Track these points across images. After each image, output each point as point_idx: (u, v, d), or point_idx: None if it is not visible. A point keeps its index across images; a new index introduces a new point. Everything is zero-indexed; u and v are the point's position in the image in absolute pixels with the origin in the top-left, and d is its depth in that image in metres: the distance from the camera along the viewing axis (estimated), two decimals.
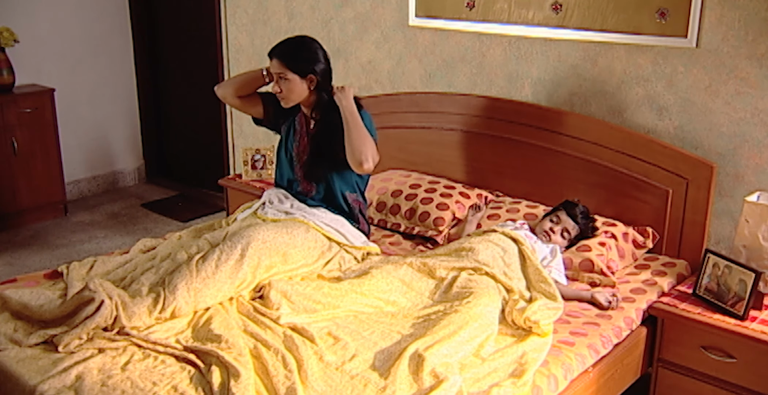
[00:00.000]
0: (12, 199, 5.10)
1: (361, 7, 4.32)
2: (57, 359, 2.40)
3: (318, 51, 3.19)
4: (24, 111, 5.07)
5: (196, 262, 2.73)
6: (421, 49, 4.12)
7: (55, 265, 4.40)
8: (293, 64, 3.12)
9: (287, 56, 3.12)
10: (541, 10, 3.62)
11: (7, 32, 5.06)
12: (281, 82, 3.15)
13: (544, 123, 3.59)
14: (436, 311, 2.67)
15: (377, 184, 3.83)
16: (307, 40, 3.22)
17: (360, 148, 3.04)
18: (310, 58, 3.15)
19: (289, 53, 3.13)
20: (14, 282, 3.01)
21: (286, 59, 3.12)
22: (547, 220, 3.27)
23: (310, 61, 3.14)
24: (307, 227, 3.02)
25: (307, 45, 3.19)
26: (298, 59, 3.13)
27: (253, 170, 4.32)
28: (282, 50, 3.14)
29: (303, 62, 3.13)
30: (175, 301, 2.60)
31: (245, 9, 4.97)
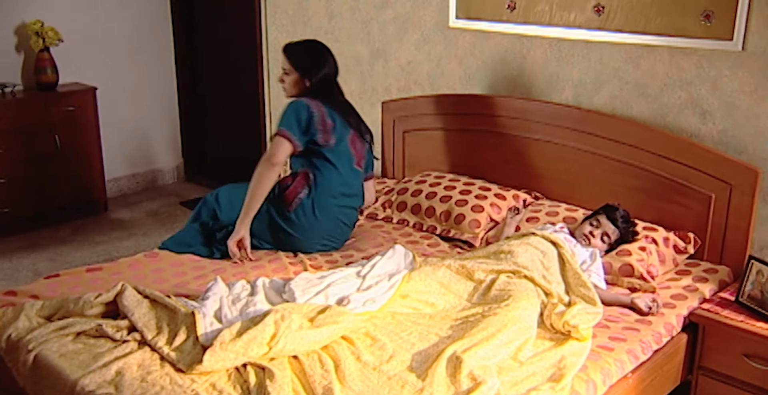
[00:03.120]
0: (54, 195, 5.17)
1: (401, 9, 4.32)
2: (98, 354, 2.42)
3: (322, 57, 3.50)
4: (67, 109, 5.14)
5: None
6: (461, 50, 4.11)
7: (96, 262, 4.47)
8: (297, 63, 3.47)
9: (294, 55, 3.50)
10: (583, 12, 3.59)
11: (52, 32, 5.14)
12: (284, 76, 3.51)
13: (585, 126, 3.56)
14: (474, 313, 2.66)
15: (412, 186, 3.83)
16: (318, 45, 3.56)
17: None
18: (313, 61, 3.48)
19: (296, 53, 3.50)
20: (57, 277, 3.06)
21: (292, 57, 3.49)
22: (587, 223, 3.25)
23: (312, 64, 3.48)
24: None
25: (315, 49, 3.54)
26: (303, 60, 3.48)
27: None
28: (292, 49, 3.53)
29: (306, 64, 3.48)
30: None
31: (285, 9, 4.99)
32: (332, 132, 3.40)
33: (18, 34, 5.26)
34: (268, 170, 3.31)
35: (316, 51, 3.53)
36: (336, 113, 3.44)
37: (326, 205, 3.40)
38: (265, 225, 3.39)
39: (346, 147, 3.46)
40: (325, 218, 3.39)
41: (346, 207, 3.49)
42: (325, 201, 3.39)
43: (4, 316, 2.67)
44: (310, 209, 3.37)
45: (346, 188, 3.48)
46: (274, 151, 3.32)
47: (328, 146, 3.40)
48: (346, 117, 3.49)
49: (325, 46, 3.56)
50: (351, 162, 3.49)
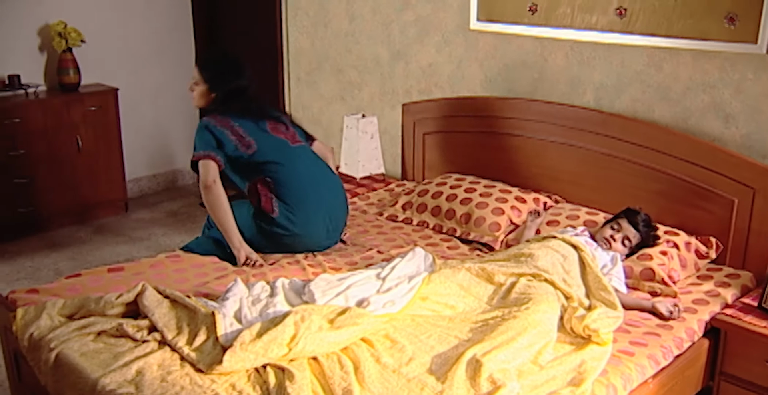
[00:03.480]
0: (75, 195, 5.21)
1: (422, 11, 4.32)
2: (118, 353, 2.44)
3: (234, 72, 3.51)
4: (89, 109, 5.18)
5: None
6: (482, 53, 4.10)
7: (116, 262, 4.50)
8: (207, 75, 3.50)
9: (205, 68, 3.53)
10: (605, 15, 3.57)
11: (74, 33, 5.18)
12: (194, 86, 3.53)
13: (606, 129, 3.54)
14: (495, 316, 2.65)
15: (432, 188, 3.83)
16: (232, 59, 3.58)
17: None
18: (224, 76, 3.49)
19: (208, 66, 3.54)
20: (79, 277, 3.08)
21: (203, 70, 3.52)
22: (608, 227, 3.23)
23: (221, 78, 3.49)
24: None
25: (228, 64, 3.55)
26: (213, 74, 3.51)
27: None
28: (205, 62, 3.59)
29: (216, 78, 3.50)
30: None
31: (306, 11, 5.00)
32: (248, 136, 3.39)
33: (41, 35, 5.30)
34: (212, 192, 3.31)
35: (229, 66, 3.54)
36: (244, 120, 3.43)
37: (301, 193, 3.40)
38: (268, 241, 3.39)
39: (271, 137, 3.46)
40: (309, 202, 3.40)
41: (319, 181, 3.48)
42: (297, 192, 3.39)
43: (26, 315, 2.68)
44: (293, 205, 3.37)
45: (304, 168, 3.46)
46: (205, 175, 3.31)
47: (252, 150, 3.39)
48: (252, 114, 3.48)
49: (239, 61, 3.57)
50: (286, 146, 3.47)
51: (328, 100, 4.99)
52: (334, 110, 4.96)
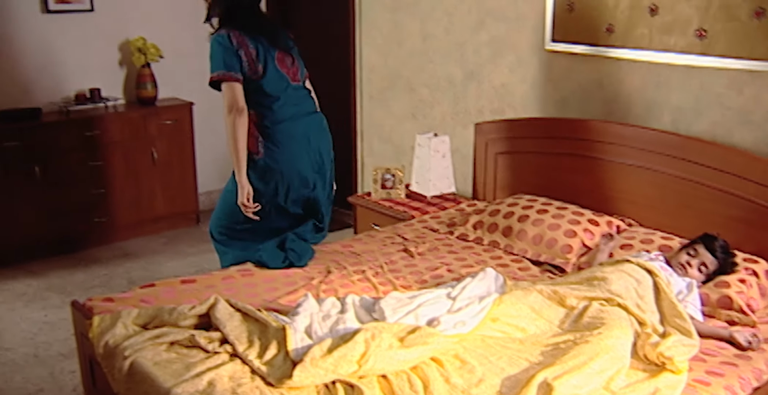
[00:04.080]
0: (149, 206, 5.33)
1: (496, 31, 4.31)
2: (190, 364, 2.47)
3: None
4: (164, 123, 5.30)
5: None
6: (556, 73, 4.07)
7: (187, 272, 4.58)
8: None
9: None
10: (684, 37, 3.51)
11: (153, 48, 5.32)
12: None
13: (684, 153, 3.48)
14: (566, 340, 2.61)
15: (503, 208, 3.80)
16: None
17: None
18: None
19: None
20: (153, 287, 3.13)
21: None
22: (684, 253, 3.16)
23: None
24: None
25: None
26: None
27: (383, 189, 4.36)
28: None
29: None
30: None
31: (380, 29, 5.04)
32: (257, 60, 3.40)
33: (122, 50, 5.46)
34: (239, 117, 3.34)
35: None
36: (257, 37, 3.42)
37: (288, 131, 3.45)
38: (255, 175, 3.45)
39: (276, 70, 3.46)
40: (296, 140, 3.46)
41: (307, 122, 3.55)
42: (282, 130, 3.44)
43: (102, 323, 2.75)
44: (278, 143, 3.43)
45: (295, 109, 3.51)
46: (234, 98, 3.33)
47: (257, 76, 3.40)
48: (267, 38, 3.45)
49: None
50: (287, 82, 3.50)
51: (399, 118, 5.01)
52: (405, 129, 4.97)
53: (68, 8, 5.19)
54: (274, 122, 3.45)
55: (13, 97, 5.09)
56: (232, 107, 3.33)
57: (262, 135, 3.45)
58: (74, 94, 5.27)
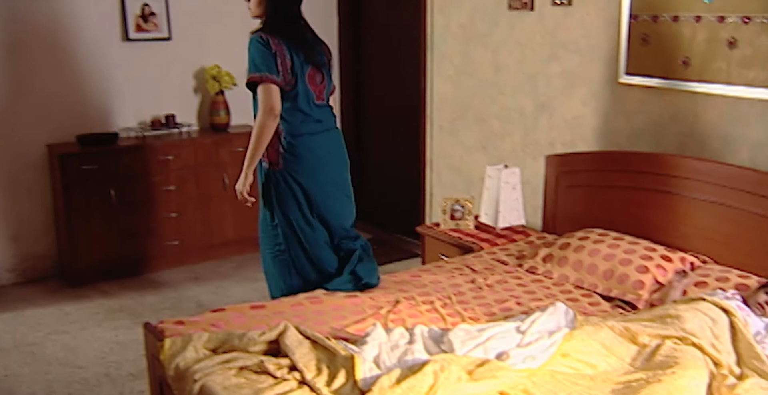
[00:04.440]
0: (219, 231, 5.42)
1: (569, 63, 4.30)
2: (259, 389, 2.49)
3: None
4: (236, 150, 5.38)
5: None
6: (630, 106, 4.03)
7: (254, 298, 4.63)
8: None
9: None
10: (765, 70, 3.45)
11: (227, 76, 5.44)
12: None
13: (762, 189, 3.40)
14: (638, 378, 2.56)
15: (574, 242, 3.76)
16: None
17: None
18: None
19: None
20: (223, 311, 3.18)
21: None
22: (763, 292, 3.07)
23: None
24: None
25: None
26: None
27: (452, 219, 4.35)
28: None
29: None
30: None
31: (451, 60, 5.06)
32: (291, 71, 3.47)
33: (197, 77, 5.59)
34: (272, 121, 3.43)
35: None
36: (294, 50, 3.49)
37: (305, 145, 3.55)
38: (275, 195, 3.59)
39: (305, 85, 3.53)
40: (313, 155, 3.57)
41: (323, 134, 3.64)
42: (302, 144, 3.54)
43: (173, 345, 2.79)
44: (296, 156, 3.54)
45: (317, 125, 3.60)
46: (272, 101, 3.40)
47: (288, 88, 3.48)
48: (304, 53, 3.54)
49: None
50: (311, 99, 3.57)
51: (469, 149, 5.01)
52: (474, 160, 4.97)
53: (147, 37, 5.35)
54: (295, 136, 3.54)
55: (93, 122, 5.26)
56: (270, 110, 3.42)
57: (282, 147, 3.54)
58: (150, 119, 5.42)
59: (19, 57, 4.97)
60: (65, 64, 5.12)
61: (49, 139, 5.14)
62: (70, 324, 4.47)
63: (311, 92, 3.58)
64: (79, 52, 5.16)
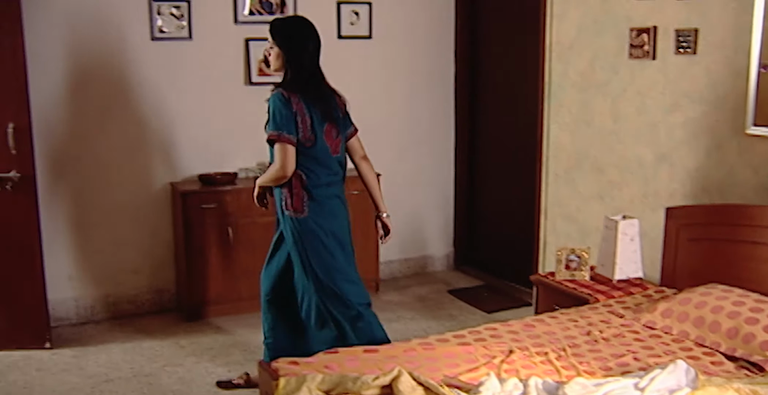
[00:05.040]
0: None
1: (692, 113, 4.20)
2: None
3: (299, 31, 3.79)
4: (351, 193, 5.41)
5: None
6: (757, 159, 3.90)
7: None
8: (276, 38, 3.78)
9: (272, 31, 3.80)
10: None
11: None
12: (269, 50, 3.83)
13: None
14: None
15: (695, 298, 3.63)
16: (298, 20, 3.89)
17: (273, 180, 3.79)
18: (290, 35, 3.77)
19: (275, 29, 3.80)
20: (336, 354, 3.20)
21: (272, 33, 3.80)
22: None
23: (287, 37, 3.76)
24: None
25: (292, 24, 3.84)
26: (280, 35, 3.78)
27: (567, 270, 4.28)
28: (272, 25, 3.82)
29: (283, 38, 3.76)
30: None
31: (569, 108, 5.02)
32: (310, 129, 3.70)
33: None
34: (282, 178, 3.72)
35: (297, 27, 3.80)
36: (313, 108, 3.71)
37: (325, 194, 3.82)
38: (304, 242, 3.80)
39: (323, 141, 3.76)
40: (332, 202, 3.87)
41: (338, 186, 3.95)
42: (322, 193, 3.80)
43: (287, 385, 2.82)
44: (320, 203, 3.80)
45: (333, 177, 3.87)
46: (285, 160, 3.65)
47: (310, 143, 3.72)
48: (321, 110, 3.75)
49: (307, 22, 3.83)
50: (328, 153, 3.80)
51: (585, 198, 4.94)
52: (591, 209, 4.89)
53: (267, 81, 5.51)
54: (317, 186, 3.79)
55: (214, 161, 5.45)
56: (282, 168, 3.67)
57: (308, 195, 3.77)
58: (268, 161, 5.54)
59: (147, 98, 5.22)
60: (191, 105, 5.34)
61: (172, 177, 5.35)
62: (185, 357, 4.59)
63: (328, 147, 3.81)
64: (204, 94, 5.38)
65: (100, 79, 5.09)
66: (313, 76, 3.81)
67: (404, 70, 6.00)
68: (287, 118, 3.65)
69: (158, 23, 5.17)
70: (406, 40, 5.97)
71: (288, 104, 3.67)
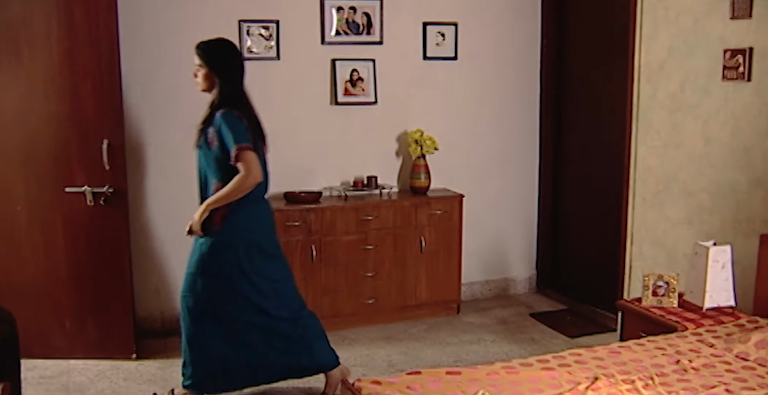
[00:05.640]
0: (413, 292, 5.49)
1: None
2: None
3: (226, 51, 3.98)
4: (434, 213, 5.47)
5: None
6: None
7: (445, 362, 4.64)
8: (205, 59, 3.94)
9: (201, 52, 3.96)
10: None
11: (430, 140, 5.56)
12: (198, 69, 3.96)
13: None
14: None
15: None
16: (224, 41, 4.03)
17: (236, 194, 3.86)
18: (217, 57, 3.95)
19: (203, 50, 3.96)
20: (419, 375, 3.20)
21: (200, 54, 3.96)
22: None
23: (217, 58, 3.94)
24: None
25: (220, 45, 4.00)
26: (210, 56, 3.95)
27: (654, 296, 4.18)
28: (200, 47, 3.98)
29: (212, 59, 3.94)
30: None
31: (658, 130, 4.93)
32: (253, 144, 3.87)
33: (399, 141, 5.76)
34: (251, 186, 3.81)
35: (224, 48, 3.98)
36: (251, 124, 3.92)
37: (251, 210, 3.95)
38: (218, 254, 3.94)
39: (262, 156, 3.97)
40: (253, 222, 3.97)
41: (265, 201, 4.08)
42: (249, 208, 3.92)
43: None
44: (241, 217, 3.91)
45: (264, 191, 4.03)
46: (254, 168, 3.78)
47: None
48: (255, 126, 3.96)
49: (232, 44, 4.02)
50: (265, 167, 4.00)
51: (674, 223, 4.82)
52: (679, 234, 4.77)
53: (355, 101, 5.59)
54: (249, 200, 3.90)
55: (299, 180, 5.52)
56: (254, 176, 3.80)
57: (228, 209, 3.88)
58: (353, 180, 5.62)
59: None
60: (277, 124, 5.41)
61: None
62: None
63: (265, 162, 4.02)
64: (290, 114, 5.46)
65: (189, 98, 5.19)
66: (244, 94, 4.01)
67: (489, 92, 5.98)
68: (244, 131, 3.83)
69: (247, 44, 5.29)
70: (491, 62, 5.96)
71: (239, 119, 3.86)
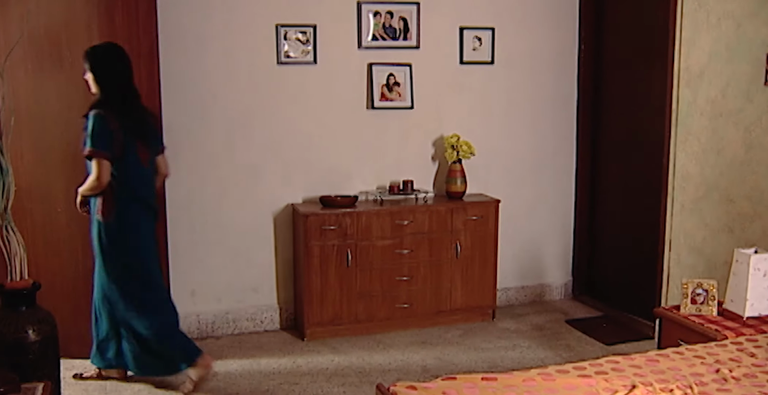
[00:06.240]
0: (448, 297, 5.48)
1: None
2: None
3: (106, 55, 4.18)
4: (470, 218, 5.45)
5: None
6: None
7: (480, 367, 4.62)
8: (88, 64, 4.18)
9: (85, 57, 4.19)
10: None
11: (466, 145, 5.55)
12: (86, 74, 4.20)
13: None
14: None
15: None
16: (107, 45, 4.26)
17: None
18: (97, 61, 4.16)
19: (86, 55, 4.19)
20: (454, 380, 3.18)
21: (84, 59, 4.19)
22: None
23: (95, 62, 4.16)
24: None
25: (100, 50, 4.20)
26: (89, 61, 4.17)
27: (693, 304, 4.13)
28: (86, 52, 4.19)
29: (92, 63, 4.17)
30: None
31: (697, 137, 4.87)
32: (122, 145, 4.09)
33: (436, 146, 5.76)
34: (98, 189, 4.09)
35: (107, 53, 4.17)
36: (126, 127, 4.10)
37: (129, 207, 4.19)
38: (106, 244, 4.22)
39: (135, 155, 4.17)
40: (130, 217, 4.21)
41: (148, 197, 4.31)
42: (127, 204, 4.18)
43: None
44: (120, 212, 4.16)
45: (144, 188, 4.28)
46: (101, 174, 4.04)
47: (119, 156, 4.09)
48: (133, 128, 4.15)
49: (118, 49, 4.20)
50: (139, 166, 4.22)
51: (714, 230, 4.76)
52: (719, 242, 4.71)
53: (391, 105, 5.60)
54: (121, 196, 4.15)
55: (335, 183, 5.54)
56: (97, 179, 4.05)
57: (116, 204, 4.14)
58: (389, 184, 5.62)
59: (271, 121, 5.36)
60: (314, 129, 5.46)
61: (294, 198, 5.47)
62: (301, 376, 4.66)
63: (139, 161, 4.21)
64: (327, 118, 5.48)
65: (227, 103, 5.26)
66: (126, 96, 4.19)
67: (526, 96, 5.96)
68: (103, 135, 4.03)
69: (285, 48, 5.31)
70: (528, 66, 5.94)
71: (105, 122, 4.04)
